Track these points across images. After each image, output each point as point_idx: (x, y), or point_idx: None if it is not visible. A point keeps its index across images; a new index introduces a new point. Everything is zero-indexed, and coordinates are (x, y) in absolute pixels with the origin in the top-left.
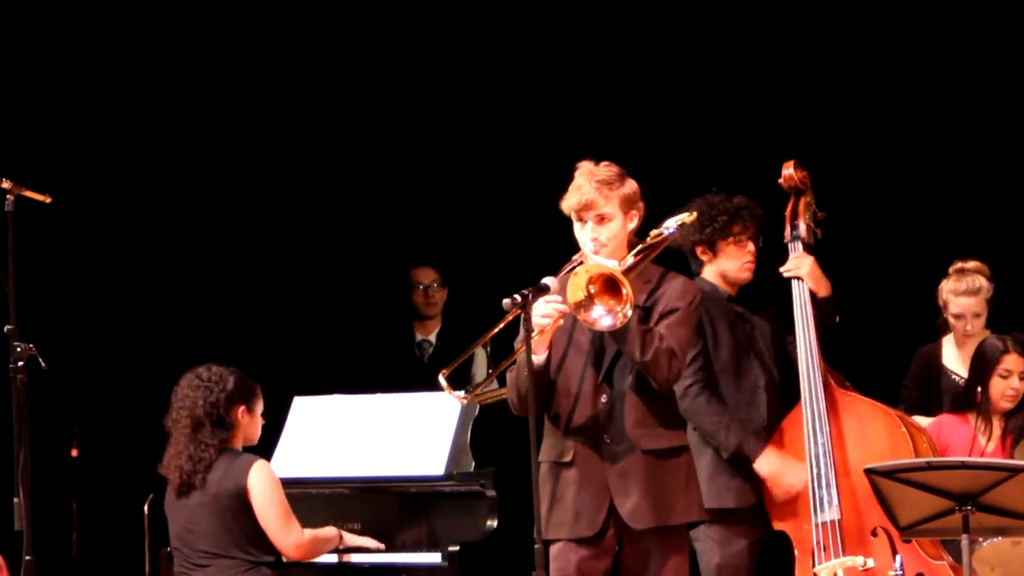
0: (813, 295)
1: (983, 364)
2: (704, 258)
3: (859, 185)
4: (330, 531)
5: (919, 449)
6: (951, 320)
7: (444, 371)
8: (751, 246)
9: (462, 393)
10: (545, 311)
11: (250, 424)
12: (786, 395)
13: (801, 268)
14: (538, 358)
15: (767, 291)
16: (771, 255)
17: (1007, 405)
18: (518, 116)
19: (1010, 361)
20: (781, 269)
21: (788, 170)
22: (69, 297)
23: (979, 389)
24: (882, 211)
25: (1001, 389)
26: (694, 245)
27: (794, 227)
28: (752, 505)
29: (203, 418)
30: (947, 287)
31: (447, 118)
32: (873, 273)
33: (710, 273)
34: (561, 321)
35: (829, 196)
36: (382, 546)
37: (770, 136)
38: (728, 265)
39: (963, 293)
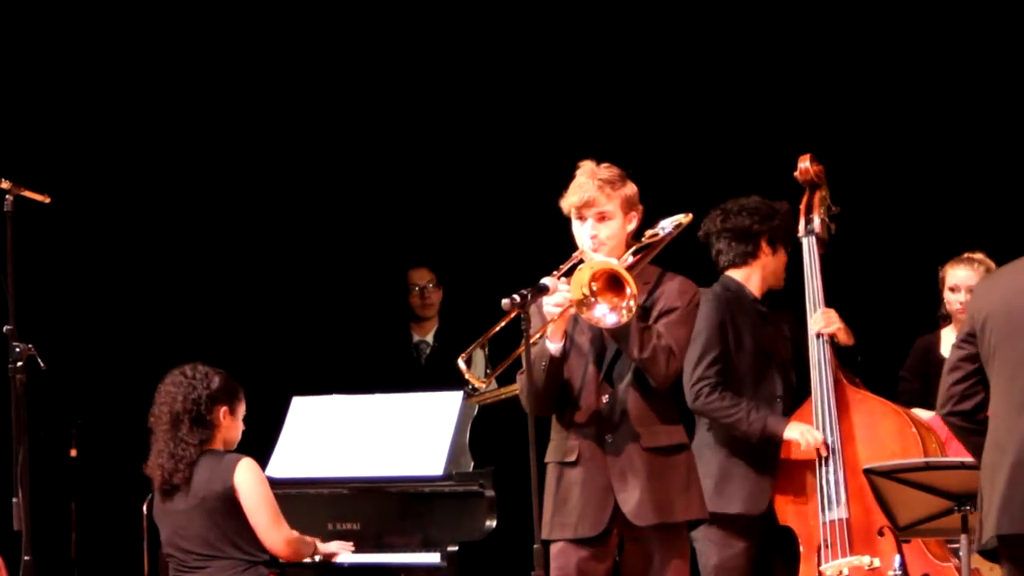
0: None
1: None
2: (764, 251)
3: (862, 178)
4: (308, 538)
5: (928, 450)
6: (947, 296)
7: (462, 356)
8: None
9: (489, 370)
10: (556, 300)
11: (231, 427)
12: (801, 395)
13: (833, 323)
14: (556, 346)
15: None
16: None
17: None
18: (515, 116)
19: None
20: (816, 329)
21: (804, 163)
22: (68, 297)
23: None
24: (886, 204)
25: None
26: (761, 235)
27: (808, 221)
28: (760, 513)
29: (183, 414)
30: (948, 265)
31: (444, 119)
32: (875, 264)
33: (751, 272)
34: (572, 310)
35: (836, 188)
36: (351, 546)
37: (773, 133)
38: (778, 266)
39: (961, 267)
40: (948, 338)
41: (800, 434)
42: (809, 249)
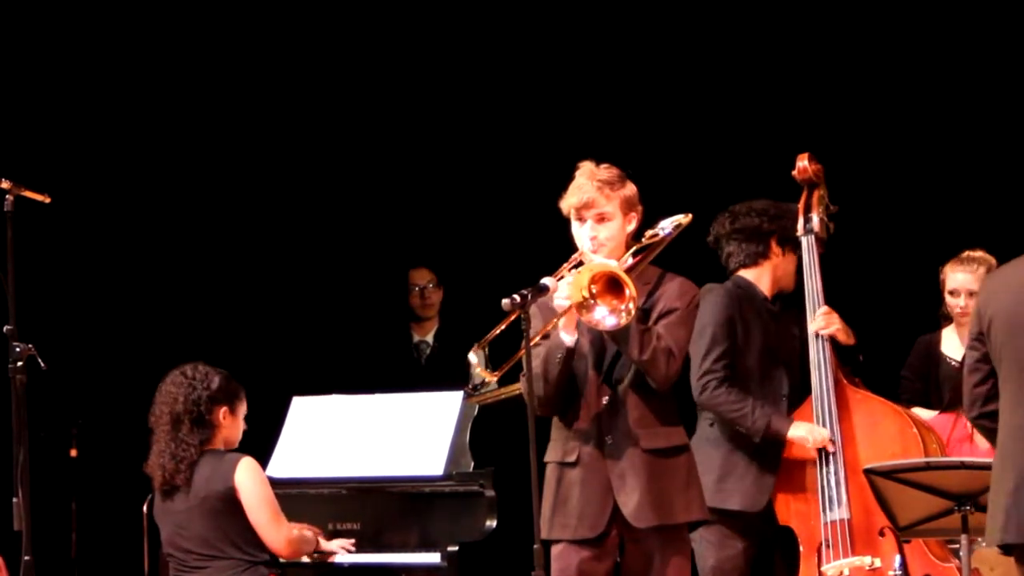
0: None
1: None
2: (774, 251)
3: (861, 177)
4: (310, 532)
5: (929, 450)
6: (947, 299)
7: (476, 346)
8: None
9: (491, 370)
10: (567, 292)
11: (232, 427)
12: (803, 395)
13: (833, 323)
14: (571, 337)
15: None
16: None
17: None
18: (516, 116)
19: None
20: (815, 329)
21: (803, 162)
22: (69, 297)
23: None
24: (885, 203)
25: None
26: (771, 235)
27: (807, 220)
28: (759, 511)
29: (183, 415)
30: (947, 267)
31: (445, 119)
32: (875, 263)
33: (761, 273)
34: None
35: (836, 187)
36: (352, 547)
37: (772, 132)
38: (788, 267)
39: (960, 269)
40: (949, 337)
41: (808, 431)
42: (808, 248)
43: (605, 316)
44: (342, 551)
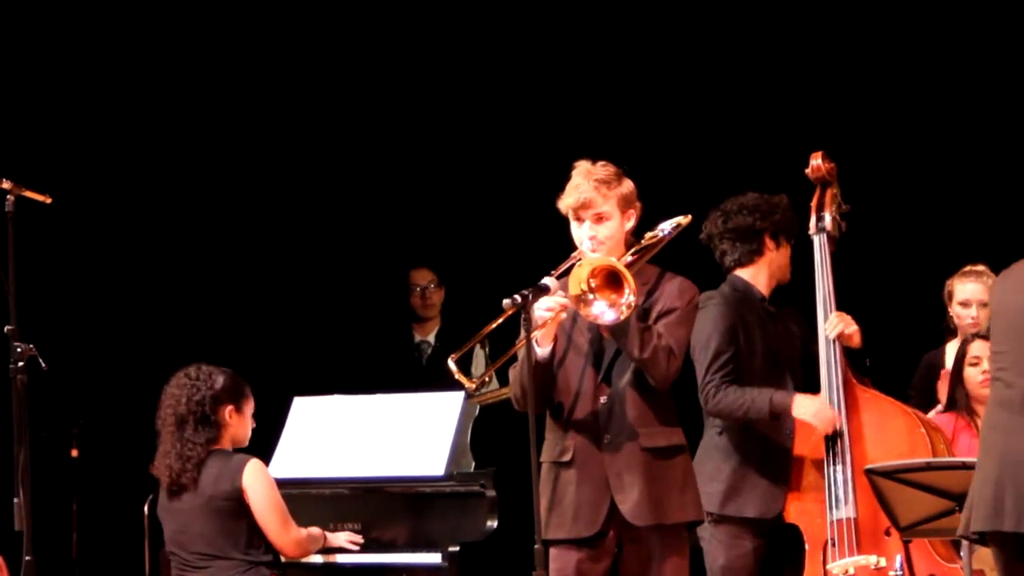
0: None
1: (957, 359)
2: (768, 247)
3: (873, 177)
4: (317, 531)
5: (937, 451)
6: (957, 312)
7: (453, 356)
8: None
9: (471, 376)
10: (548, 304)
11: (239, 425)
12: (809, 391)
13: (851, 326)
14: (543, 350)
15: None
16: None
17: (984, 391)
18: (516, 116)
19: (977, 347)
20: (834, 335)
21: (816, 160)
22: (69, 297)
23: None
24: (896, 203)
25: (973, 377)
26: (764, 232)
27: (820, 218)
28: (773, 516)
29: (186, 415)
30: (954, 280)
31: (445, 118)
32: (885, 263)
33: (758, 270)
34: (563, 315)
35: (849, 186)
36: (361, 540)
37: (782, 131)
38: (783, 260)
39: (970, 280)
40: (952, 352)
41: (813, 415)
42: (820, 247)
43: (604, 311)
44: (349, 544)
